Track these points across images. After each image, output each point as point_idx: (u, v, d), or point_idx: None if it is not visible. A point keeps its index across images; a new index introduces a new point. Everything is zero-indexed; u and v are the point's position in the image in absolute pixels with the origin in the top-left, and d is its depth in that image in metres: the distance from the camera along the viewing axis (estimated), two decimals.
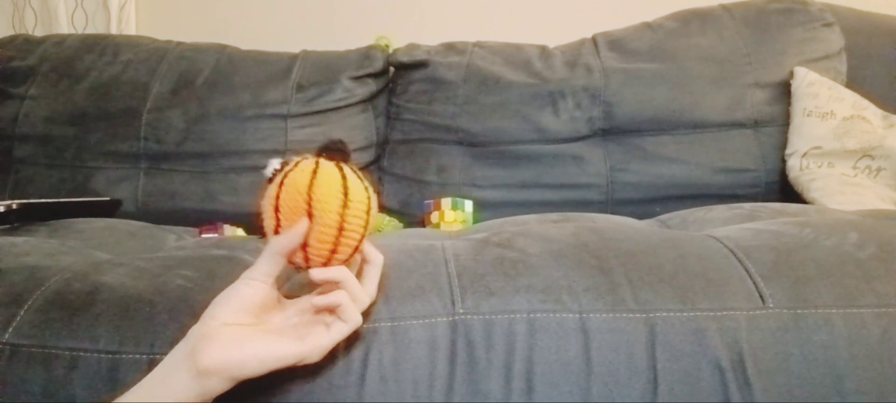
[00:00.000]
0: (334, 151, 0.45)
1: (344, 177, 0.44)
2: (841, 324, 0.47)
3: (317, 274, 0.44)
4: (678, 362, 0.46)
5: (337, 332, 0.44)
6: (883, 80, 1.11)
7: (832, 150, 1.00)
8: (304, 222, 0.43)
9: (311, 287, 0.47)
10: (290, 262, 0.45)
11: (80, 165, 1.11)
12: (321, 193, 0.43)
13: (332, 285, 0.44)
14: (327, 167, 0.45)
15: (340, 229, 0.43)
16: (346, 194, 0.43)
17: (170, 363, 0.42)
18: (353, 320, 0.44)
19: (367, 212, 0.45)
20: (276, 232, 0.44)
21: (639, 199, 1.06)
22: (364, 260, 0.47)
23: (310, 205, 0.43)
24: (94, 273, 0.54)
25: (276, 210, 0.44)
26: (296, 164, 0.45)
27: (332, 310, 0.44)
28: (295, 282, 0.52)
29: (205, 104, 1.13)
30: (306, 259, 0.44)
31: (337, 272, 0.44)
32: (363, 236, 0.45)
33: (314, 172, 0.44)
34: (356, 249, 0.45)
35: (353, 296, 0.44)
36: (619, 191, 1.07)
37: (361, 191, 0.45)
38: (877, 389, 0.45)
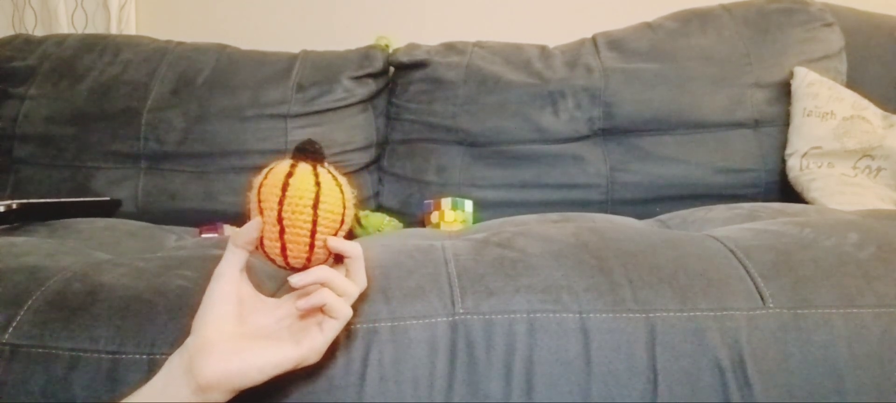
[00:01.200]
0: (308, 153, 0.46)
1: (317, 184, 0.45)
2: (841, 324, 0.47)
3: (296, 280, 0.43)
4: (678, 362, 0.46)
5: (330, 330, 0.44)
6: (883, 80, 1.11)
7: (832, 150, 1.00)
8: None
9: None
10: (270, 259, 0.46)
11: (80, 165, 1.11)
12: (292, 199, 0.44)
13: (315, 285, 0.44)
14: (302, 171, 0.45)
15: (313, 232, 0.45)
16: (316, 206, 0.44)
17: (168, 374, 0.41)
18: (342, 315, 0.44)
19: (342, 213, 0.46)
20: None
21: (639, 199, 1.06)
22: (344, 258, 0.47)
23: (281, 210, 0.44)
24: (93, 273, 0.54)
25: (259, 205, 0.46)
26: (274, 167, 0.46)
27: (320, 309, 0.44)
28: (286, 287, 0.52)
29: (205, 104, 1.13)
30: (284, 256, 0.46)
31: (315, 274, 0.44)
32: (338, 231, 0.46)
33: (289, 174, 0.45)
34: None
35: (338, 291, 0.44)
36: (619, 191, 1.07)
37: (335, 193, 0.46)
38: (877, 389, 0.45)
